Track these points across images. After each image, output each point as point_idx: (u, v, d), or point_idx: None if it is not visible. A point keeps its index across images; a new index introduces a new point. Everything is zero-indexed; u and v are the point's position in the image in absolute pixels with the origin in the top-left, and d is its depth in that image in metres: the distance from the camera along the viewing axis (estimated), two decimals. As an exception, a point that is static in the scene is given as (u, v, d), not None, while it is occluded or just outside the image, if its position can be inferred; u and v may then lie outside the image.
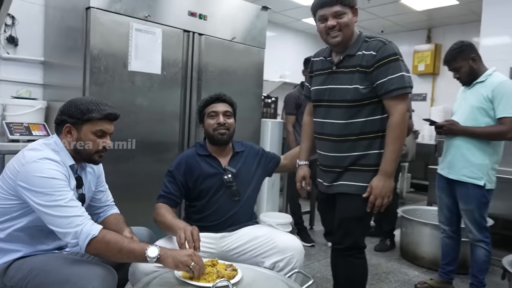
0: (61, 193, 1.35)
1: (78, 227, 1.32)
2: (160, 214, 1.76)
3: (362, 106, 1.72)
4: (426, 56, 6.97)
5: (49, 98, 2.82)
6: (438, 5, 5.86)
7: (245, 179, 1.92)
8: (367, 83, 1.69)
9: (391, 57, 1.66)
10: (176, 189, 1.84)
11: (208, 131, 1.89)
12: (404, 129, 1.69)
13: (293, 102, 3.48)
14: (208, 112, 1.89)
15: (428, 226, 2.99)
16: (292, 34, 7.45)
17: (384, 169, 1.69)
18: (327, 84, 1.81)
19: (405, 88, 1.65)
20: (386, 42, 1.69)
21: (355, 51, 1.72)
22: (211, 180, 1.86)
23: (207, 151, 1.92)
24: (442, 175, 2.47)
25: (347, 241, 1.76)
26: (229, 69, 3.02)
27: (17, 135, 2.29)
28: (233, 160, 1.93)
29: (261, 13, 3.21)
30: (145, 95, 2.55)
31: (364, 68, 1.69)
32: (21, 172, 1.38)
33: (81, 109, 1.48)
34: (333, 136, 1.79)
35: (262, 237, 1.77)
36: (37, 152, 1.43)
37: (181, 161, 1.88)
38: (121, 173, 2.46)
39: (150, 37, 2.53)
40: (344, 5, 1.69)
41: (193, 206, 1.89)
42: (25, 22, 2.79)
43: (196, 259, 1.37)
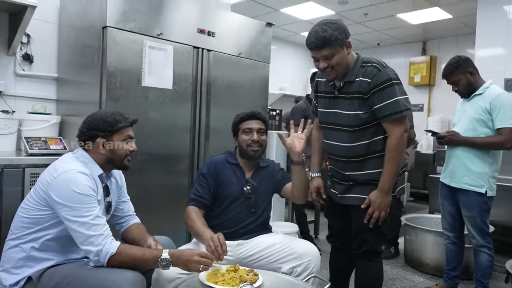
0: (87, 209, 1.46)
1: (99, 246, 1.44)
2: (190, 218, 1.86)
3: (365, 130, 1.82)
4: (421, 67, 7.14)
5: (62, 113, 2.91)
6: (432, 19, 6.05)
7: (263, 193, 2.03)
8: (366, 108, 1.80)
9: (385, 83, 1.75)
10: (207, 192, 1.94)
11: (242, 146, 2.00)
12: (400, 151, 1.79)
13: (300, 114, 3.59)
14: (243, 128, 2.00)
15: (431, 233, 3.08)
16: (291, 48, 7.61)
17: (381, 186, 1.80)
18: (331, 108, 1.92)
19: (401, 112, 1.75)
20: (380, 68, 1.77)
21: (354, 77, 1.81)
22: (232, 188, 1.97)
23: (235, 160, 2.04)
24: (445, 184, 2.57)
25: (364, 248, 1.88)
26: (236, 83, 3.12)
27: (35, 149, 2.37)
28: (256, 174, 2.04)
29: (266, 29, 3.33)
30: (157, 109, 2.64)
31: (361, 94, 1.79)
32: (52, 184, 1.47)
33: (109, 122, 1.59)
34: (340, 157, 1.91)
35: (279, 244, 1.86)
36: (67, 165, 1.52)
37: (211, 165, 2.00)
38: (134, 185, 2.51)
39: (162, 54, 2.63)
40: (332, 47, 1.75)
41: (212, 211, 1.98)
42: (39, 40, 2.88)
43: (203, 261, 1.49)
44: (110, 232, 1.50)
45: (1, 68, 2.74)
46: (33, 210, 1.49)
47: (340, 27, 1.75)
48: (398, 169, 1.82)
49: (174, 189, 2.78)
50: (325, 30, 1.73)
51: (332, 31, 1.73)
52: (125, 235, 1.80)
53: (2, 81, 2.71)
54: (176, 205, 2.77)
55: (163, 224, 2.58)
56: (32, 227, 1.49)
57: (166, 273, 1.59)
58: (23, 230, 1.49)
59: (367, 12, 5.78)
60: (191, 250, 1.54)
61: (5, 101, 2.70)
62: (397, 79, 1.79)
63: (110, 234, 1.49)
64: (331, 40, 1.73)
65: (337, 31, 1.74)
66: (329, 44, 1.74)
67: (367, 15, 5.92)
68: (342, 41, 1.75)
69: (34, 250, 1.49)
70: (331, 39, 1.73)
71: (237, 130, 2.05)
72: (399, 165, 1.82)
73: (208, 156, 2.90)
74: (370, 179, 1.85)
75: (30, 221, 1.49)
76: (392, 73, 1.79)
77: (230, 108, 3.07)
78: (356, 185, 1.88)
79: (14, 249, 1.50)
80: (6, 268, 1.50)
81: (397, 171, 1.81)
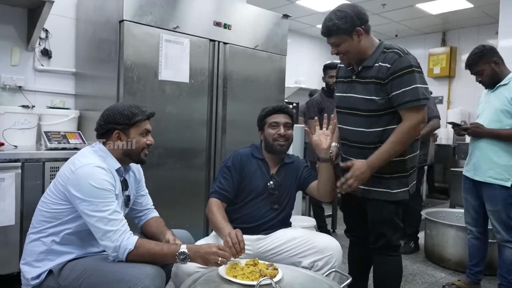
0: (105, 204, 1.45)
1: (116, 241, 1.43)
2: (211, 212, 1.84)
3: (380, 116, 1.77)
4: (441, 59, 6.98)
5: (80, 107, 2.93)
6: (453, 9, 5.89)
7: (287, 189, 2.00)
8: (383, 94, 1.75)
9: (405, 69, 1.70)
10: (230, 185, 1.92)
11: (268, 140, 1.96)
12: (409, 138, 1.73)
13: (315, 107, 3.55)
14: (270, 122, 1.96)
15: (453, 228, 3.01)
16: (306, 40, 7.53)
17: (370, 161, 1.73)
18: (347, 92, 1.88)
19: (419, 100, 1.69)
20: (402, 54, 1.73)
21: (373, 62, 1.77)
22: (256, 183, 1.94)
23: (261, 155, 2.01)
24: (468, 177, 2.50)
25: (381, 242, 1.84)
26: (252, 76, 3.09)
27: (55, 143, 2.39)
28: (281, 170, 2.01)
29: (282, 21, 3.28)
30: (174, 103, 2.64)
31: (379, 79, 1.75)
32: (71, 178, 1.47)
33: (126, 115, 1.58)
34: (353, 142, 1.86)
35: (299, 238, 1.84)
36: (85, 159, 1.52)
37: (237, 158, 1.97)
38: (153, 179, 2.51)
39: (178, 47, 2.62)
40: (338, 36, 1.74)
41: (234, 204, 1.96)
42: (58, 35, 2.91)
43: (221, 253, 1.48)
44: (127, 227, 1.49)
45: (21, 63, 2.78)
46: (53, 204, 1.50)
47: (347, 15, 1.72)
48: (395, 155, 1.74)
49: (191, 183, 2.78)
50: (331, 19, 1.74)
51: (337, 20, 1.72)
52: (144, 229, 1.80)
53: (21, 76, 2.74)
54: (193, 199, 2.78)
55: (180, 218, 2.59)
56: (52, 221, 1.50)
57: (185, 266, 1.58)
58: (43, 224, 1.50)
59: (385, 3, 5.67)
60: (208, 244, 1.53)
61: (25, 96, 2.74)
62: (418, 67, 1.74)
63: (127, 229, 1.48)
64: (333, 30, 1.74)
65: (342, 20, 1.71)
66: (332, 33, 1.75)
67: (385, 6, 5.80)
68: (347, 30, 1.73)
69: (55, 244, 1.50)
70: (333, 28, 1.73)
71: (263, 124, 2.01)
72: (399, 151, 1.74)
73: (225, 149, 2.90)
74: (384, 171, 1.78)
75: (50, 215, 1.50)
76: (414, 60, 1.74)
77: (246, 101, 3.05)
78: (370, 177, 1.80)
79: (35, 242, 1.51)
80: (28, 261, 1.51)
81: (394, 155, 1.74)
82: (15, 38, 2.74)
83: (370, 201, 1.85)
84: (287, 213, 2.03)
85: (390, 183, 1.80)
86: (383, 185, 1.80)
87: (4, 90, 2.66)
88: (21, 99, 2.72)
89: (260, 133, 2.04)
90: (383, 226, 1.83)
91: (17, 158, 2.18)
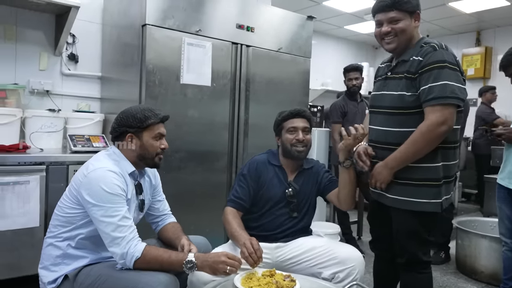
0: (115, 209, 1.44)
1: (124, 248, 1.42)
2: (227, 221, 1.81)
3: (408, 115, 1.65)
4: (475, 59, 6.70)
5: (106, 111, 2.97)
6: (488, 7, 5.63)
7: (306, 196, 1.94)
8: (413, 90, 1.63)
9: (436, 63, 1.57)
10: (246, 194, 1.87)
11: (286, 146, 1.90)
12: (421, 140, 1.58)
13: (338, 111, 3.47)
14: (288, 127, 1.91)
15: (486, 239, 2.85)
16: (333, 42, 7.41)
17: (387, 161, 1.67)
18: (380, 90, 1.78)
19: (446, 98, 1.55)
20: (437, 47, 1.61)
21: (409, 56, 1.66)
22: (274, 191, 1.89)
23: (278, 162, 1.95)
24: (502, 185, 2.36)
25: (406, 256, 1.72)
26: (275, 79, 3.04)
27: (79, 146, 2.43)
28: (299, 176, 1.95)
29: (307, 23, 3.22)
30: (196, 107, 2.63)
31: (410, 74, 1.63)
32: (83, 182, 1.47)
33: (139, 118, 1.57)
34: (379, 143, 1.75)
35: (320, 248, 1.77)
36: (98, 163, 1.52)
37: (253, 165, 1.92)
38: (174, 183, 2.54)
39: (201, 51, 2.61)
40: (401, 11, 1.64)
41: (252, 212, 1.91)
42: (84, 40, 2.96)
43: (230, 262, 1.43)
44: (136, 234, 1.48)
45: (49, 68, 2.84)
46: (67, 208, 1.51)
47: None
48: (412, 156, 1.62)
49: (213, 187, 2.76)
50: None
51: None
52: (160, 234, 1.79)
53: (49, 80, 2.81)
54: (215, 203, 2.75)
55: (201, 222, 2.57)
56: (67, 226, 1.51)
57: (200, 275, 1.55)
58: (59, 229, 1.52)
59: (415, 2, 5.48)
60: (217, 252, 1.50)
61: (52, 100, 2.80)
62: (453, 64, 1.59)
63: (135, 236, 1.47)
64: (402, 2, 1.63)
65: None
66: (399, 5, 1.64)
67: (416, 5, 5.61)
68: (414, 7, 1.65)
69: (70, 248, 1.51)
70: (403, 0, 1.63)
71: (280, 129, 1.95)
72: (416, 153, 1.61)
73: (247, 153, 2.86)
74: (411, 178, 1.65)
75: (64, 219, 1.51)
76: (450, 56, 1.60)
77: (269, 104, 3.00)
78: (395, 184, 1.70)
79: (52, 247, 1.52)
80: (45, 265, 1.53)
81: (411, 157, 1.62)
82: (44, 43, 2.82)
83: (394, 211, 1.73)
84: (307, 221, 1.97)
85: (418, 191, 1.65)
86: (409, 193, 1.67)
87: (33, 94, 2.73)
88: (48, 102, 2.79)
89: (277, 138, 1.98)
90: (407, 240, 1.70)
91: (42, 161, 2.23)
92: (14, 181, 2.12)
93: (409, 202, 1.67)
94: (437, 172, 1.65)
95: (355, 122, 3.43)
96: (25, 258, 2.17)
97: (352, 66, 3.52)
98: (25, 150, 2.33)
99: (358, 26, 6.68)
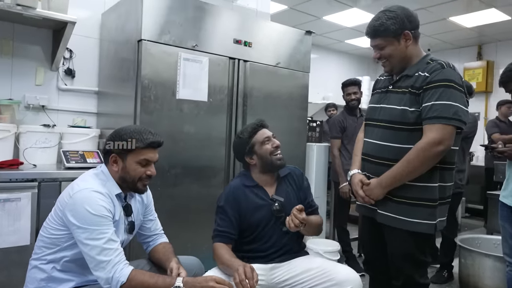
0: (100, 231, 1.39)
1: (109, 273, 1.37)
2: (217, 256, 1.73)
3: (409, 131, 1.60)
4: (477, 73, 6.68)
5: (102, 126, 2.95)
6: (489, 21, 5.63)
7: (293, 203, 1.85)
8: (417, 106, 1.58)
9: (444, 82, 1.53)
10: (229, 225, 1.80)
11: (266, 159, 1.83)
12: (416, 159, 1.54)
13: (337, 126, 3.43)
14: (261, 140, 1.85)
15: (490, 258, 2.77)
16: (334, 56, 7.42)
17: (380, 180, 1.63)
18: (379, 103, 1.74)
19: (448, 119, 1.51)
20: (445, 66, 1.57)
21: (413, 72, 1.63)
22: (260, 212, 1.82)
23: (253, 181, 1.87)
24: (505, 204, 2.29)
25: (402, 279, 1.65)
26: (273, 94, 3.02)
27: (72, 162, 2.39)
28: (280, 186, 1.89)
29: (305, 38, 3.21)
30: (192, 122, 2.59)
31: (415, 89, 1.59)
32: (68, 203, 1.42)
33: (124, 139, 1.50)
34: (374, 158, 1.70)
35: (316, 269, 1.71)
36: (83, 183, 1.47)
37: (229, 194, 1.85)
38: (169, 199, 2.50)
39: (197, 66, 2.59)
40: (383, 37, 1.62)
41: (244, 237, 1.85)
42: (81, 55, 2.95)
43: (219, 287, 1.39)
44: (122, 257, 1.42)
45: (45, 83, 2.83)
46: (52, 230, 1.46)
47: (397, 16, 1.60)
48: (407, 175, 1.58)
49: (210, 204, 2.68)
50: (378, 19, 1.62)
51: (386, 20, 1.60)
52: (151, 255, 1.74)
53: (45, 95, 2.79)
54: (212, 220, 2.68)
55: (197, 240, 2.51)
56: (52, 247, 1.46)
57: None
58: (44, 250, 1.46)
59: (416, 16, 5.48)
60: (206, 276, 1.44)
61: (47, 115, 2.77)
62: (460, 86, 1.56)
63: (122, 260, 1.41)
64: (380, 30, 1.61)
65: (391, 20, 1.59)
66: (378, 34, 1.63)
67: (416, 20, 5.61)
68: (395, 32, 1.60)
69: (55, 271, 1.46)
70: (380, 29, 1.61)
71: (251, 146, 1.85)
72: (413, 174, 1.57)
73: (244, 169, 2.81)
74: (406, 196, 1.60)
75: (49, 241, 1.46)
76: (457, 77, 1.57)
77: (267, 119, 2.88)
78: (389, 201, 1.64)
79: (36, 269, 1.47)
80: (29, 289, 1.47)
81: (405, 176, 1.58)
82: (40, 58, 2.80)
83: (387, 229, 1.68)
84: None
85: (412, 210, 1.61)
86: (404, 212, 1.61)
87: (28, 109, 2.71)
88: (44, 118, 2.76)
89: (248, 158, 1.87)
90: (403, 261, 1.64)
91: (34, 178, 2.19)
92: (5, 198, 2.07)
93: (401, 221, 1.62)
94: (433, 193, 1.60)
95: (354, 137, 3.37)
96: (15, 278, 2.11)
97: (349, 81, 3.49)
98: (17, 167, 2.30)
99: (359, 40, 6.69)
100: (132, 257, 2.20)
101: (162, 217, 1.97)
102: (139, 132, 1.52)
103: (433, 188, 1.60)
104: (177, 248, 1.84)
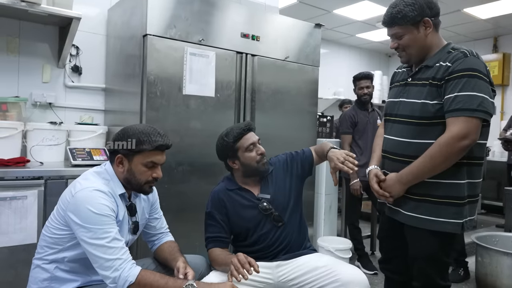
0: (104, 230, 1.34)
1: (116, 272, 1.31)
2: (213, 259, 1.70)
3: (430, 126, 1.51)
4: (493, 66, 6.50)
5: (109, 123, 2.92)
6: (505, 12, 5.45)
7: (282, 199, 1.80)
8: (438, 99, 1.49)
9: (467, 71, 1.43)
10: (221, 230, 1.76)
11: (250, 165, 1.77)
12: (438, 154, 1.44)
13: (348, 121, 3.35)
14: (246, 146, 1.76)
15: (509, 257, 2.67)
16: (345, 50, 7.31)
17: (400, 175, 1.55)
18: (399, 97, 1.65)
19: (473, 111, 1.41)
20: (469, 54, 1.47)
21: (434, 62, 1.53)
22: (250, 214, 1.76)
23: (236, 184, 1.82)
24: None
25: (423, 282, 1.58)
26: (282, 89, 2.95)
27: (79, 160, 2.37)
28: (264, 185, 1.82)
29: (314, 31, 3.13)
30: (199, 118, 2.55)
31: (436, 81, 1.49)
32: (70, 203, 1.39)
33: (131, 140, 1.45)
34: (395, 155, 1.61)
35: (322, 268, 1.64)
36: (86, 182, 1.43)
37: (215, 199, 1.80)
38: (177, 197, 2.46)
39: (204, 61, 2.54)
40: (401, 25, 1.53)
41: (242, 240, 1.81)
42: (88, 52, 2.93)
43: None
44: (128, 256, 1.38)
45: (52, 80, 2.81)
46: (54, 229, 1.43)
47: (416, 2, 1.51)
48: (428, 171, 1.49)
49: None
50: (396, 5, 1.53)
51: (404, 6, 1.51)
52: (157, 254, 1.69)
53: (52, 93, 2.77)
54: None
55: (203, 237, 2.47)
56: (54, 247, 1.42)
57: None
58: (46, 250, 1.43)
59: (429, 8, 5.34)
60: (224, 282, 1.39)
61: (55, 112, 2.76)
62: (485, 74, 1.46)
63: (128, 259, 1.37)
64: (397, 18, 1.52)
65: (410, 7, 1.50)
66: (396, 22, 1.54)
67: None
68: (413, 19, 1.51)
69: (59, 270, 1.42)
70: (398, 16, 1.52)
71: (235, 150, 1.77)
72: (435, 170, 1.48)
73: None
74: (431, 194, 1.52)
75: (52, 241, 1.43)
76: (482, 66, 1.46)
77: (276, 114, 2.91)
78: (410, 200, 1.57)
79: (38, 269, 1.44)
80: (32, 289, 1.44)
81: (428, 174, 1.50)
82: (47, 55, 2.79)
83: (410, 229, 1.59)
84: (298, 221, 1.84)
85: (437, 209, 1.51)
86: (427, 211, 1.53)
87: (35, 107, 2.70)
88: (51, 115, 2.75)
89: (231, 162, 1.80)
90: (425, 263, 1.55)
91: (40, 176, 2.17)
92: (11, 196, 2.06)
93: (426, 221, 1.53)
94: (461, 190, 1.51)
95: (365, 133, 3.33)
96: (21, 276, 2.09)
97: (362, 74, 3.41)
98: (24, 164, 2.28)
99: (370, 34, 6.57)
100: (139, 256, 2.17)
101: (170, 215, 1.93)
102: (147, 133, 1.46)
103: (461, 185, 1.51)
104: (185, 247, 1.80)
